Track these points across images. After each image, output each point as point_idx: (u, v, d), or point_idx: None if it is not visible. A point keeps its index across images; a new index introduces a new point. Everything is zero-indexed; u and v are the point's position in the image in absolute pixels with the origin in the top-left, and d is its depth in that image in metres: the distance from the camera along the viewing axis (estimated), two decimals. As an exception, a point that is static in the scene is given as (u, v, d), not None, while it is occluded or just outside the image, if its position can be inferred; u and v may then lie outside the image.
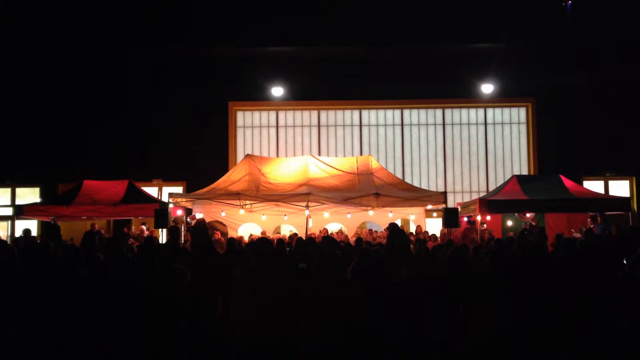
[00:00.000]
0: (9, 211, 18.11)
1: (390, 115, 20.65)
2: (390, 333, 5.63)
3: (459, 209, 14.54)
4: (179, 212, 13.87)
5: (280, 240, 8.62)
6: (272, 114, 20.60)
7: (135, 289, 5.97)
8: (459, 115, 20.58)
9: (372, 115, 20.64)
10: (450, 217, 13.22)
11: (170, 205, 13.64)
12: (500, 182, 17.90)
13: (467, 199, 18.77)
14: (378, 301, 5.76)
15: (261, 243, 5.51)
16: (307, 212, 13.30)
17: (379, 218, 15.98)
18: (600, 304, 6.38)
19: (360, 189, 13.97)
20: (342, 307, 5.82)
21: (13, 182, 19.22)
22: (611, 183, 19.54)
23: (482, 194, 18.07)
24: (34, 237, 13.56)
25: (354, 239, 12.44)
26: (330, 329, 5.83)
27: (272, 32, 18.53)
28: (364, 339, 5.63)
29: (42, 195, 18.87)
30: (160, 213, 12.89)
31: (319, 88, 19.63)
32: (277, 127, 20.58)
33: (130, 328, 5.76)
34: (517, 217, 15.90)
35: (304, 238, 10.02)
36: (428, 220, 17.06)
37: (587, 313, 6.32)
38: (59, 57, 18.63)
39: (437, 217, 16.91)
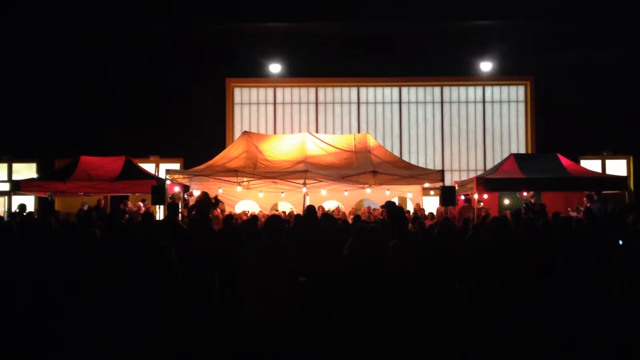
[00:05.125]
0: (5, 187, 18.07)
1: (389, 92, 20.57)
2: (388, 305, 5.70)
3: (456, 187, 14.55)
4: (176, 189, 13.84)
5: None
6: (270, 90, 20.49)
7: (129, 263, 6.01)
8: (457, 93, 20.51)
9: (370, 93, 20.55)
10: (447, 195, 13.20)
11: (168, 182, 13.61)
12: (498, 160, 17.89)
13: (464, 177, 18.82)
14: (375, 277, 5.79)
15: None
16: (304, 189, 13.29)
17: (376, 196, 15.98)
18: (595, 275, 6.47)
19: (358, 167, 13.93)
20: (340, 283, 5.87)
21: (10, 157, 19.21)
22: (608, 162, 19.57)
23: (479, 172, 18.11)
24: (31, 212, 13.57)
25: (352, 216, 12.46)
26: (330, 306, 5.89)
27: (270, 8, 18.31)
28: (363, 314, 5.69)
29: (39, 170, 18.86)
30: (157, 189, 12.86)
31: (317, 65, 19.52)
32: (274, 104, 20.49)
33: (128, 303, 5.80)
34: (518, 195, 15.94)
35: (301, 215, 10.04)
36: (425, 198, 17.09)
37: (583, 284, 6.41)
38: (57, 33, 18.41)
39: (435, 195, 16.92)
